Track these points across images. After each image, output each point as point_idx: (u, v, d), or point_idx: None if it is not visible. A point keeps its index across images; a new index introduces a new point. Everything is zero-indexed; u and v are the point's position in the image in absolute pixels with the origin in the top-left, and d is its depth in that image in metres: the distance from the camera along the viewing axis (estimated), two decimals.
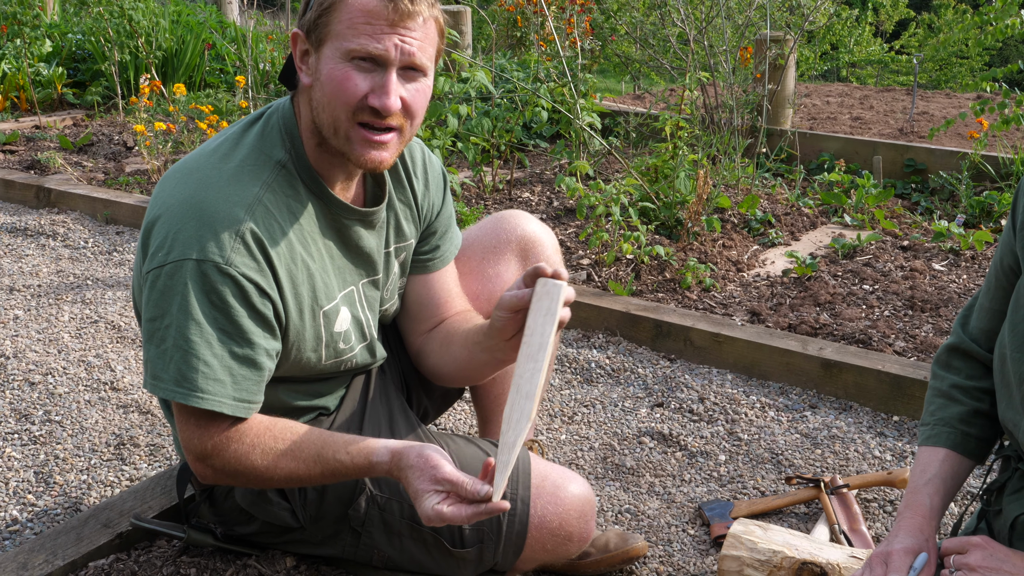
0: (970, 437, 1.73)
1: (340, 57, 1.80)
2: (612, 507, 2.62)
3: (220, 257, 1.80)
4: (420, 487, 1.77)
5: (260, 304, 1.85)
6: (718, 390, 3.25)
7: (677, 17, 5.70)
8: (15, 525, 2.55)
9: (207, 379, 1.82)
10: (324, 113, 1.85)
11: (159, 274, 1.82)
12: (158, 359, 1.84)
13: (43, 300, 4.05)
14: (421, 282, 2.25)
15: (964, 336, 1.80)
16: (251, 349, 1.85)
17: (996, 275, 1.73)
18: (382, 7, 1.78)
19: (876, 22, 19.61)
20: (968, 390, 1.77)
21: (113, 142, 6.56)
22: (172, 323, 1.81)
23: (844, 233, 4.69)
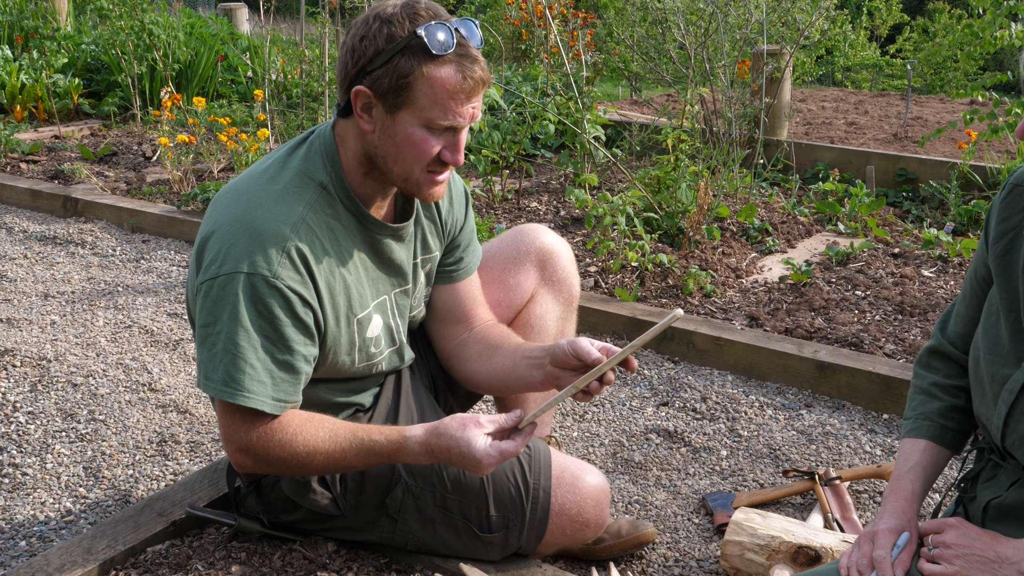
0: (948, 430, 1.93)
1: (420, 124, 2.02)
2: (622, 498, 2.83)
3: (268, 271, 2.02)
4: (469, 435, 2.01)
5: (302, 313, 2.06)
6: (719, 390, 3.47)
7: (678, 32, 5.92)
8: (69, 516, 2.76)
9: (252, 380, 2.03)
10: (396, 164, 2.07)
11: (212, 285, 2.04)
12: (209, 361, 2.05)
13: (77, 306, 4.26)
14: (448, 291, 2.46)
15: (943, 339, 2.01)
16: (291, 355, 2.06)
17: (971, 284, 1.93)
18: (461, 85, 1.99)
19: (871, 26, 19.81)
20: (946, 388, 1.97)
21: (133, 152, 6.77)
22: (223, 329, 2.02)
23: (838, 241, 4.91)
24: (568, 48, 5.82)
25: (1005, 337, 1.75)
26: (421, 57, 1.97)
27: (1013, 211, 1.80)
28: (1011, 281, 1.76)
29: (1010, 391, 1.72)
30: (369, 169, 2.13)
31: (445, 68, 1.98)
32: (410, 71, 1.98)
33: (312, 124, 6.05)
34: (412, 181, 2.10)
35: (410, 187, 2.13)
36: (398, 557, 2.38)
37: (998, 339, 1.76)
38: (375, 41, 2.00)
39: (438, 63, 1.98)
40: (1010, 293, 1.76)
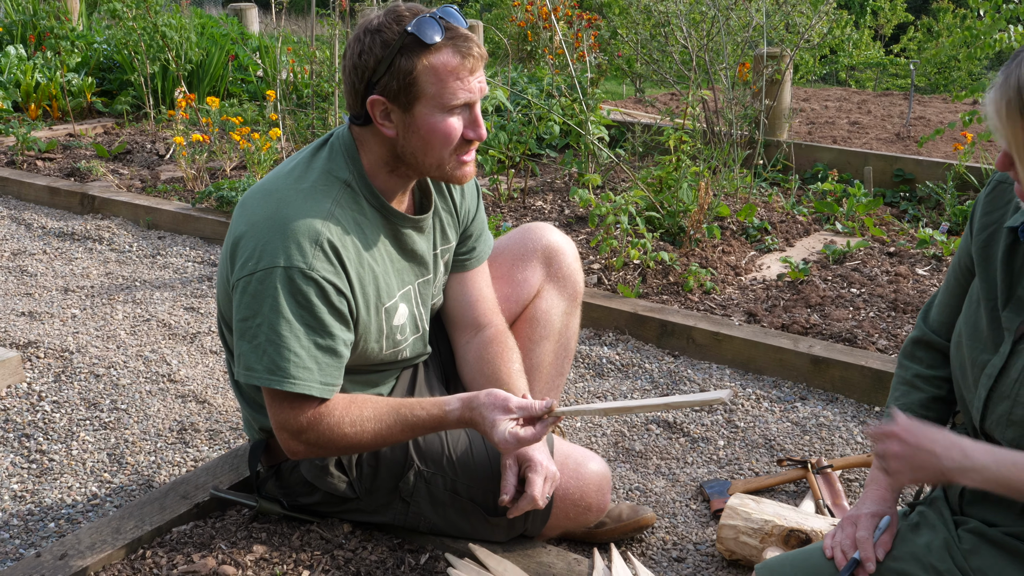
0: (928, 420, 2.06)
1: (439, 111, 2.15)
2: (623, 486, 2.97)
3: (304, 263, 2.15)
4: (495, 417, 2.14)
5: (338, 302, 2.19)
6: (718, 383, 3.60)
7: (680, 35, 6.05)
8: (95, 499, 2.90)
9: (297, 367, 2.16)
10: (428, 156, 2.21)
11: (251, 280, 2.17)
12: (251, 352, 2.18)
13: (96, 300, 4.40)
14: (458, 280, 2.59)
15: (926, 328, 2.13)
16: (332, 340, 2.19)
17: (955, 274, 2.06)
18: (461, 63, 2.13)
19: (875, 26, 19.90)
20: (928, 379, 2.09)
21: (146, 151, 6.91)
22: (264, 321, 2.15)
23: (835, 240, 5.04)
24: (572, 49, 5.95)
25: (984, 324, 1.88)
26: (417, 51, 2.12)
27: (996, 206, 1.92)
28: (990, 272, 1.89)
29: (989, 375, 1.85)
30: (395, 167, 2.26)
31: (442, 53, 2.12)
32: (412, 67, 2.12)
33: (322, 124, 6.18)
34: (445, 168, 2.24)
35: (444, 174, 2.26)
36: (410, 538, 2.50)
37: (978, 326, 1.89)
38: (373, 52, 2.15)
39: (434, 51, 2.12)
40: (989, 283, 1.89)
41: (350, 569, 2.37)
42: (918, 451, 1.76)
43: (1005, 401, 1.81)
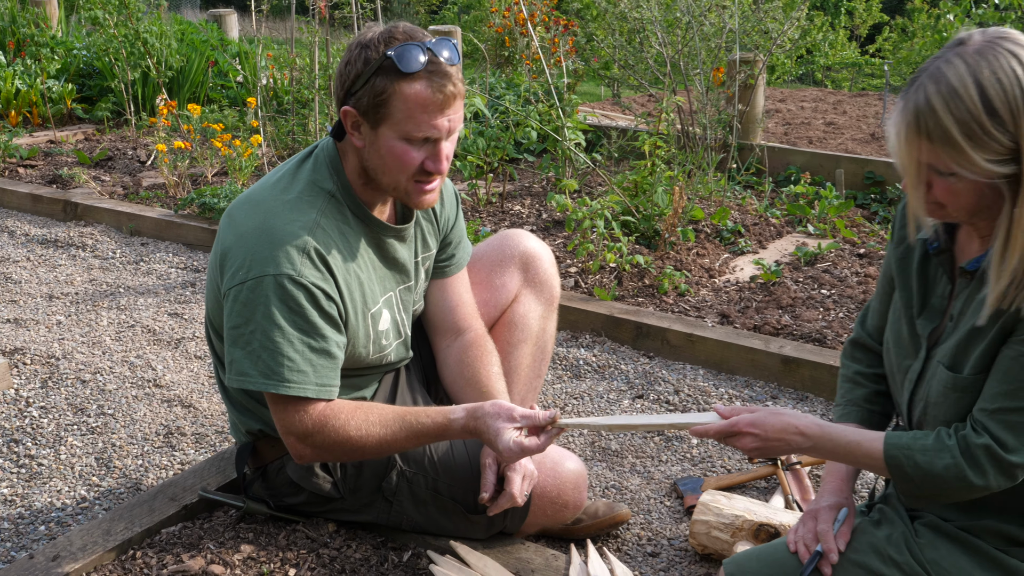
0: (873, 413, 2.16)
1: (399, 138, 2.22)
2: (600, 483, 3.06)
3: (293, 270, 2.23)
4: (500, 426, 2.21)
5: (327, 306, 2.27)
6: (691, 383, 3.70)
7: (655, 41, 6.15)
8: (84, 503, 2.96)
9: (292, 371, 2.23)
10: (384, 175, 2.28)
11: (242, 289, 2.24)
12: (245, 359, 2.25)
13: (81, 307, 4.46)
14: (438, 286, 2.68)
15: (863, 332, 2.23)
16: (325, 342, 2.27)
17: (883, 284, 2.16)
18: (433, 98, 2.18)
19: (851, 26, 20.07)
20: (869, 376, 2.19)
21: (128, 157, 6.96)
22: (257, 328, 2.23)
23: (807, 242, 5.15)
24: (549, 55, 6.04)
25: (905, 332, 1.99)
26: (394, 75, 2.18)
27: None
28: (907, 282, 2.00)
29: (910, 380, 1.96)
30: (367, 180, 2.35)
31: (416, 84, 2.18)
32: (384, 89, 2.19)
33: (302, 130, 6.25)
34: (401, 190, 2.32)
35: (400, 195, 2.34)
36: (393, 536, 2.58)
37: (900, 333, 2.00)
38: (355, 65, 2.23)
39: (409, 80, 2.18)
40: (906, 292, 2.00)
41: (335, 567, 2.45)
42: (770, 441, 1.90)
43: (921, 403, 1.92)
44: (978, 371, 1.82)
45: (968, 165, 1.67)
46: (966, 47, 1.69)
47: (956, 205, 1.76)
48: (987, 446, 1.76)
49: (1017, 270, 1.72)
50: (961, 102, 1.65)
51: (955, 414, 1.86)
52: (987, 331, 1.80)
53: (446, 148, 2.28)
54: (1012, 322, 1.76)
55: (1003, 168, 1.67)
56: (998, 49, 1.67)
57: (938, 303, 1.95)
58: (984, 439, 1.76)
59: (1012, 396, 1.75)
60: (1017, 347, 1.75)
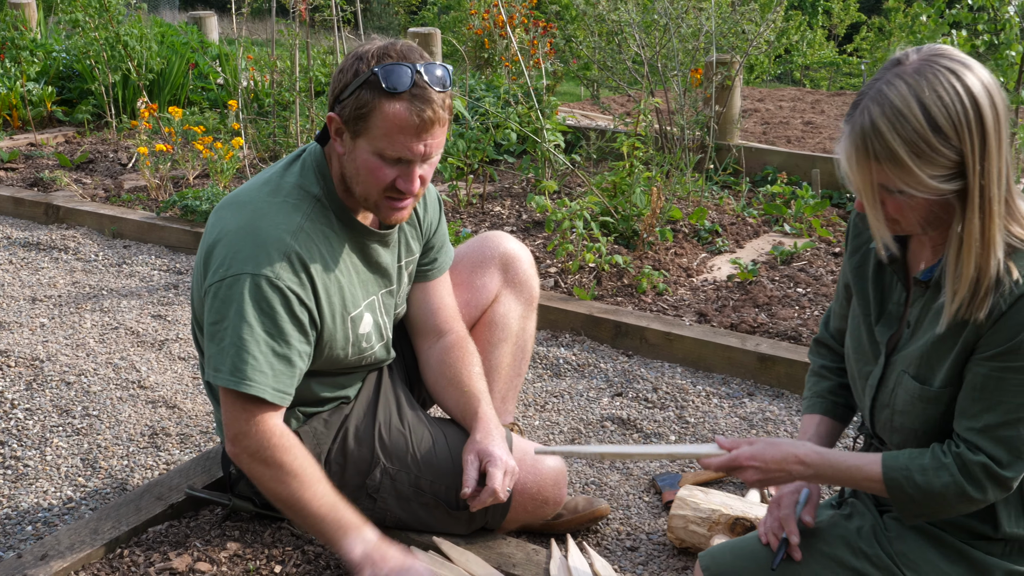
0: (838, 404, 2.22)
1: (373, 153, 2.26)
2: (579, 480, 3.11)
3: (271, 272, 2.27)
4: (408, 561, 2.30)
5: (299, 311, 2.32)
6: (669, 381, 3.76)
7: (633, 43, 6.21)
8: (71, 503, 3.00)
9: (255, 370, 2.27)
10: (357, 185, 2.33)
11: (220, 286, 2.29)
12: (218, 355, 2.30)
13: (64, 309, 4.49)
14: (420, 289, 2.73)
15: (826, 334, 2.30)
16: (288, 349, 2.31)
17: (841, 290, 2.22)
18: (411, 121, 2.21)
19: (829, 26, 20.21)
20: (833, 369, 2.25)
21: (109, 160, 6.97)
22: (229, 325, 2.27)
23: (783, 241, 5.22)
24: (529, 57, 6.10)
25: (864, 339, 2.05)
26: (377, 92, 2.22)
27: (864, 227, 2.09)
28: (864, 290, 2.06)
29: (871, 386, 2.02)
30: (347, 187, 2.40)
31: (397, 104, 2.21)
32: (367, 103, 2.23)
33: (283, 132, 6.28)
34: (371, 203, 2.36)
35: (371, 208, 2.39)
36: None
37: (860, 340, 2.06)
38: (347, 74, 2.28)
39: (392, 99, 2.21)
40: (863, 300, 2.06)
41: (320, 563, 2.49)
42: (771, 472, 1.95)
43: (886, 409, 1.98)
44: (946, 384, 1.87)
45: (915, 184, 1.72)
46: (904, 67, 1.74)
47: (909, 220, 1.81)
48: (983, 464, 1.81)
49: (973, 280, 1.77)
50: (906, 122, 1.70)
51: (924, 422, 1.92)
52: (951, 344, 1.85)
53: (421, 170, 2.31)
54: (974, 337, 1.81)
55: (949, 185, 1.72)
56: (936, 67, 1.72)
57: (895, 309, 2.01)
58: (980, 457, 1.81)
59: (995, 412, 1.80)
60: (990, 364, 1.79)
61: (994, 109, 1.71)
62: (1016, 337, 1.76)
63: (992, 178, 1.73)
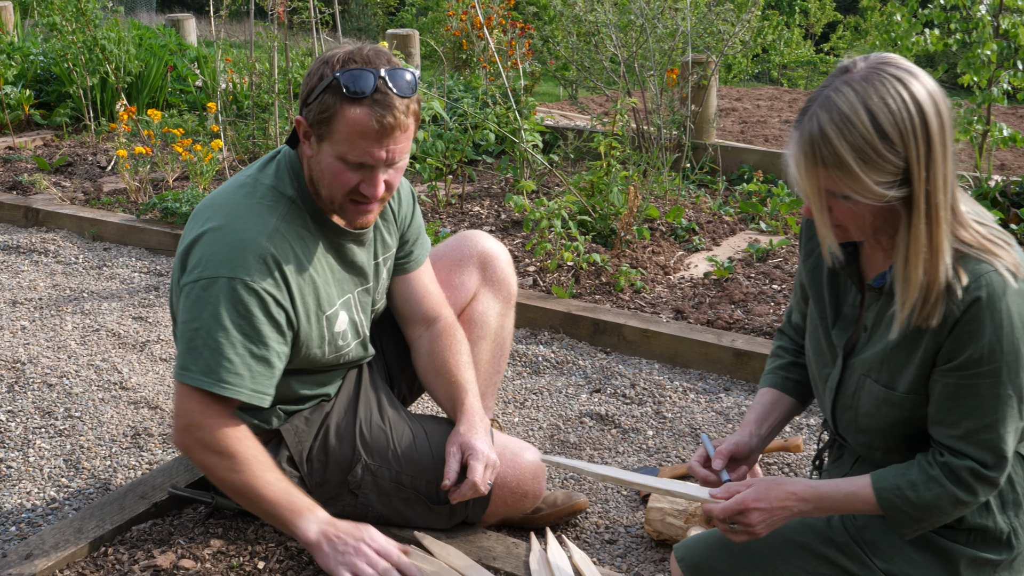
0: (789, 380, 2.27)
1: (336, 158, 2.29)
2: (558, 475, 3.15)
3: (247, 275, 2.31)
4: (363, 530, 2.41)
5: (276, 313, 2.35)
6: (647, 377, 3.81)
7: (610, 43, 6.27)
8: (54, 503, 3.02)
9: (230, 373, 2.31)
10: (323, 188, 2.36)
11: (195, 287, 2.32)
12: (188, 354, 2.32)
13: (45, 312, 4.50)
14: (402, 281, 2.77)
15: (788, 326, 2.35)
16: (266, 351, 2.35)
17: (797, 289, 2.28)
18: (371, 127, 2.24)
19: (805, 25, 20.35)
20: (789, 349, 2.31)
21: (88, 163, 6.97)
22: (203, 326, 2.30)
23: (760, 238, 5.28)
24: (507, 58, 6.14)
25: (823, 342, 2.10)
26: (339, 97, 2.25)
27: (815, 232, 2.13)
28: (819, 293, 2.11)
29: (831, 388, 2.07)
30: (316, 190, 2.43)
31: (358, 110, 2.24)
32: (329, 107, 2.26)
33: (263, 134, 6.31)
34: (337, 205, 2.40)
35: (336, 210, 2.42)
36: None
37: (819, 343, 2.11)
38: (312, 79, 2.31)
39: (353, 104, 2.24)
40: (819, 304, 2.11)
41: (303, 559, 2.53)
42: (774, 511, 1.98)
43: (848, 411, 2.03)
44: (910, 391, 1.92)
45: (862, 190, 1.76)
46: (852, 74, 1.78)
47: (856, 226, 1.85)
48: (971, 468, 1.86)
49: (922, 286, 1.82)
50: (854, 128, 1.74)
51: (889, 424, 1.97)
52: (911, 351, 1.89)
53: (386, 175, 2.33)
54: (934, 347, 1.86)
55: (895, 191, 1.76)
56: (883, 74, 1.76)
57: (850, 312, 2.06)
58: (967, 462, 1.86)
59: (973, 419, 1.84)
60: (958, 374, 1.84)
61: (939, 117, 1.75)
62: (977, 345, 1.80)
63: (938, 184, 1.77)
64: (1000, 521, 1.97)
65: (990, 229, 1.88)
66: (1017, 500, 1.98)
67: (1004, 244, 1.86)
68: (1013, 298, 1.80)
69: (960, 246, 1.83)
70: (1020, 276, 1.83)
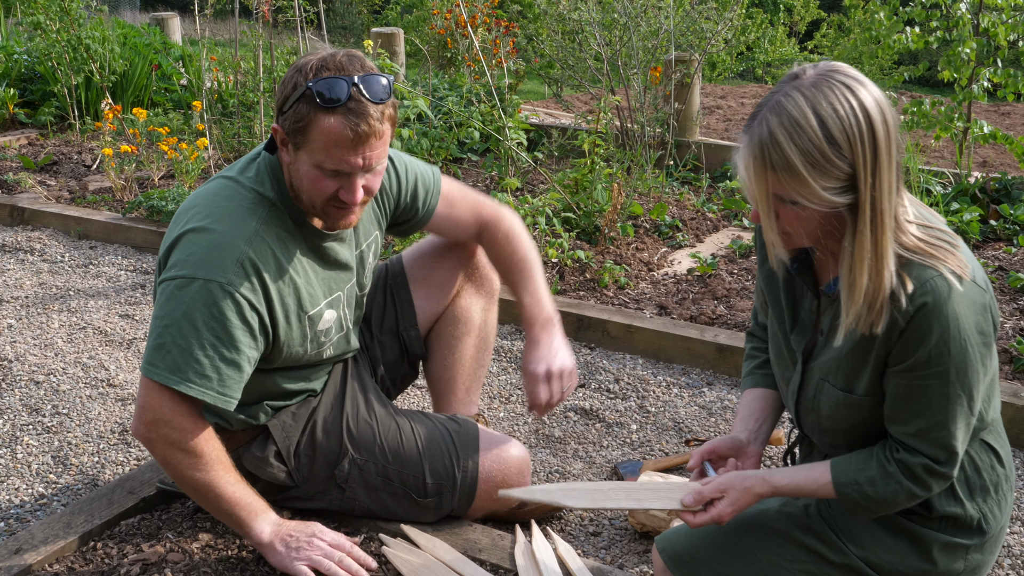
0: (768, 376, 2.32)
1: (313, 166, 2.29)
2: (543, 469, 3.19)
3: (223, 278, 2.31)
4: None
5: (250, 317, 2.35)
6: (631, 372, 3.85)
7: (594, 42, 6.30)
8: (43, 499, 3.04)
9: (197, 374, 2.30)
10: (303, 194, 2.37)
11: (170, 285, 2.33)
12: (156, 350, 2.32)
13: (31, 310, 4.51)
14: (431, 227, 2.83)
15: (756, 326, 2.39)
16: (237, 355, 2.34)
17: (758, 293, 2.32)
18: (346, 136, 2.24)
19: (790, 23, 20.42)
20: (762, 349, 2.36)
21: (73, 161, 6.98)
22: (173, 325, 2.30)
23: (742, 235, 5.33)
24: (491, 56, 6.17)
25: (783, 347, 2.14)
26: (313, 106, 2.24)
27: None
28: (777, 300, 2.15)
29: (792, 391, 2.12)
30: (297, 195, 2.44)
31: (333, 118, 2.24)
32: (304, 116, 2.26)
33: (248, 132, 6.32)
34: (318, 210, 2.41)
35: (318, 215, 2.44)
36: (346, 521, 2.69)
37: (779, 348, 2.16)
38: (287, 87, 2.31)
39: (327, 113, 2.24)
40: (778, 310, 2.15)
41: None
42: (740, 497, 2.03)
43: (811, 414, 2.08)
44: (868, 393, 1.97)
45: (809, 195, 1.79)
46: (801, 80, 1.82)
47: (801, 232, 1.89)
48: (925, 465, 1.91)
49: (868, 292, 1.85)
50: (803, 132, 1.77)
51: (851, 424, 2.02)
52: (864, 356, 1.94)
53: (364, 180, 2.34)
54: (884, 351, 1.90)
55: (842, 198, 1.80)
56: (832, 81, 1.80)
57: (807, 317, 2.10)
58: (920, 459, 1.91)
59: (923, 418, 1.89)
60: (908, 375, 1.88)
61: (885, 125, 1.79)
62: (925, 348, 1.84)
63: (883, 191, 1.80)
64: (970, 508, 2.02)
65: (934, 232, 1.91)
66: (985, 486, 2.03)
67: (949, 247, 1.90)
68: (959, 301, 1.84)
69: (904, 252, 1.87)
70: (966, 278, 1.86)
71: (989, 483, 2.04)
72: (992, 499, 2.05)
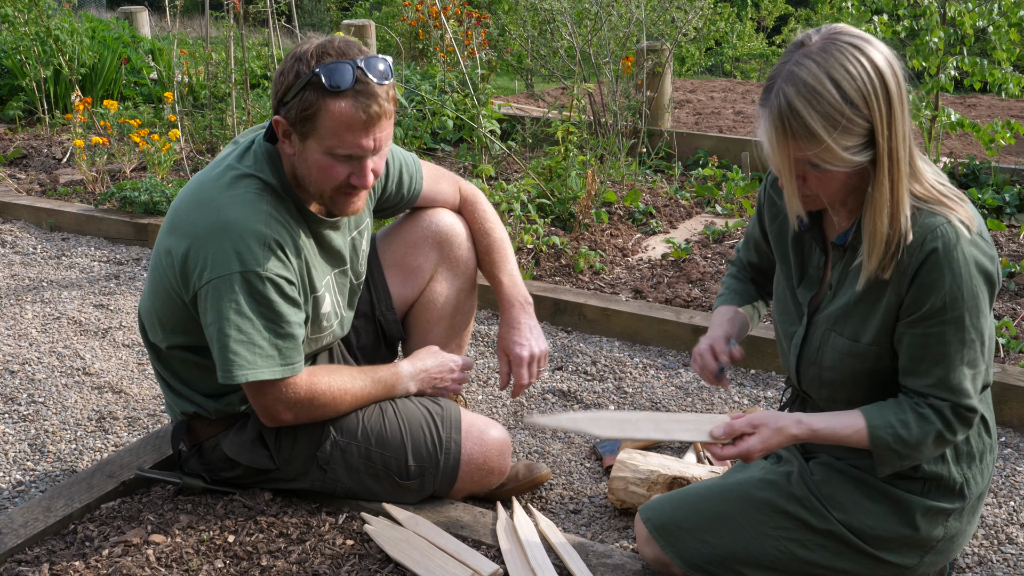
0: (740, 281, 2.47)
1: (324, 153, 2.31)
2: (523, 450, 3.21)
3: (258, 265, 2.34)
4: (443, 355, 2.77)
5: (291, 292, 2.40)
6: (607, 355, 3.87)
7: (565, 31, 6.32)
8: (20, 486, 3.02)
9: (260, 357, 2.37)
10: (311, 184, 2.40)
11: (209, 289, 2.34)
12: (233, 354, 2.36)
13: (4, 301, 4.48)
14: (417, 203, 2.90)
15: (738, 257, 2.49)
16: (289, 327, 2.41)
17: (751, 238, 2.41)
18: (358, 118, 2.26)
19: (757, 18, 20.53)
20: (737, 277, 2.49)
21: (43, 155, 6.93)
22: (230, 324, 2.34)
23: (715, 221, 5.37)
24: (463, 47, 6.18)
25: (789, 300, 2.18)
26: (321, 92, 2.26)
27: (780, 195, 2.21)
28: (785, 254, 2.19)
29: (795, 345, 2.15)
30: (298, 183, 2.46)
31: (342, 102, 2.26)
32: (311, 104, 2.28)
33: (220, 124, 6.30)
34: (327, 198, 2.43)
35: (326, 203, 2.47)
36: (327, 502, 2.70)
37: (785, 302, 2.20)
38: (287, 77, 2.32)
39: (336, 98, 2.26)
40: (785, 264, 2.19)
41: (273, 532, 2.56)
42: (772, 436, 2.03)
43: (812, 367, 2.11)
44: (873, 343, 2.00)
45: (831, 158, 1.84)
46: (809, 47, 1.86)
47: (828, 192, 1.94)
48: (952, 406, 1.96)
49: (886, 237, 1.90)
50: (821, 97, 1.82)
51: (851, 376, 2.05)
52: (873, 304, 1.98)
53: (373, 163, 2.37)
54: (896, 300, 1.94)
55: (862, 156, 1.85)
56: (839, 43, 1.85)
57: (815, 272, 2.14)
58: (946, 403, 1.95)
59: (943, 365, 1.94)
60: (924, 324, 1.93)
61: (896, 78, 1.85)
62: (939, 295, 1.89)
63: (899, 140, 1.86)
64: (954, 471, 2.06)
65: (945, 185, 1.96)
66: (971, 453, 2.08)
67: (958, 200, 1.95)
68: (967, 247, 1.88)
69: (915, 201, 1.91)
70: (974, 229, 1.91)
71: (975, 450, 2.08)
72: (976, 467, 2.09)
